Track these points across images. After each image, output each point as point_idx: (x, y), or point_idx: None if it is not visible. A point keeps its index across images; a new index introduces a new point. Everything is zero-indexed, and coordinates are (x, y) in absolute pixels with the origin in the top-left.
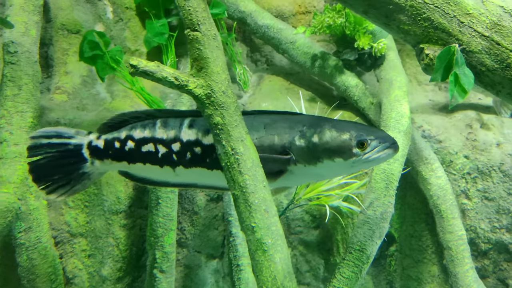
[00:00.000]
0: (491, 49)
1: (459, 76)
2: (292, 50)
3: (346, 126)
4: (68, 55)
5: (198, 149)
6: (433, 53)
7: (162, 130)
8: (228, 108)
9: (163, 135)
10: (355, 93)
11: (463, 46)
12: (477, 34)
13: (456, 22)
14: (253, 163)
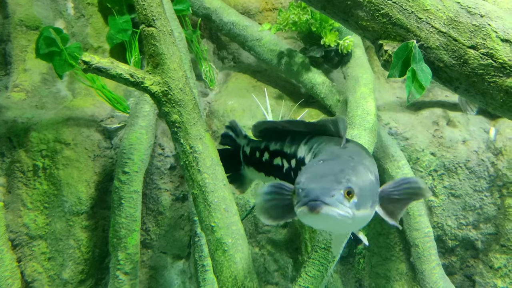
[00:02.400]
0: (448, 45)
1: (417, 72)
2: (258, 48)
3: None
4: (27, 52)
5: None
6: (392, 49)
7: (289, 144)
8: (186, 105)
9: (288, 150)
10: (321, 90)
11: (421, 42)
12: (434, 30)
13: (414, 18)
14: (212, 162)
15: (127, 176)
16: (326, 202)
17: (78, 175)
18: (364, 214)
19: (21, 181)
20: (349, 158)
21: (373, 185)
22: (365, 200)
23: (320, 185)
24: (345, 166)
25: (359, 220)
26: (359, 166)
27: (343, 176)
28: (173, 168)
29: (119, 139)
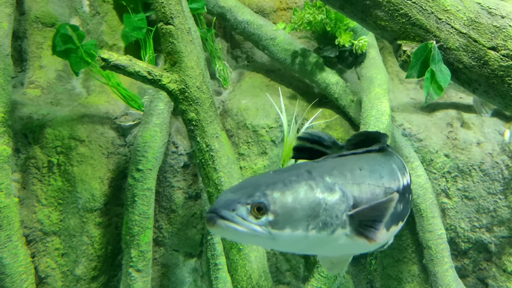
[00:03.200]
0: (468, 46)
1: (436, 73)
2: (272, 47)
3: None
4: (42, 49)
5: None
6: (411, 50)
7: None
8: (202, 104)
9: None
10: (335, 90)
11: (440, 43)
12: (454, 31)
13: (433, 18)
14: (228, 160)
15: (140, 173)
16: (222, 215)
17: (92, 172)
18: (295, 235)
19: (36, 177)
20: (305, 172)
21: (319, 205)
22: (292, 220)
23: (229, 196)
24: (280, 179)
25: (296, 241)
26: (300, 181)
27: (260, 189)
28: (187, 166)
29: (133, 136)
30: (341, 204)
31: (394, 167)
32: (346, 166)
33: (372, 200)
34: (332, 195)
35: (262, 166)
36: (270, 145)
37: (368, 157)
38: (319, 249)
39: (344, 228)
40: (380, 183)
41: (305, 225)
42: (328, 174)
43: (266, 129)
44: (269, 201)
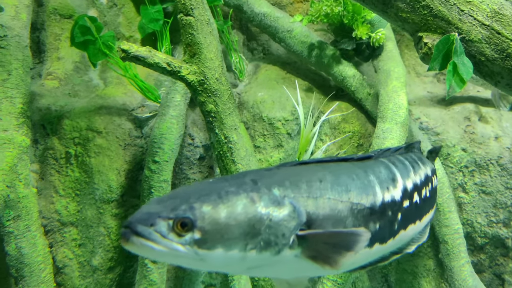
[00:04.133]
0: (491, 39)
1: (458, 66)
2: (289, 39)
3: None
4: (60, 41)
5: None
6: (432, 42)
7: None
8: (221, 95)
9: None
10: (352, 83)
11: (462, 35)
12: (477, 22)
13: (456, 10)
14: (247, 152)
15: (157, 165)
16: (137, 231)
17: (109, 163)
18: (229, 256)
19: (53, 168)
20: (249, 181)
21: (261, 222)
22: (226, 239)
23: (151, 208)
24: (215, 189)
25: (232, 263)
26: (239, 193)
27: (189, 202)
28: (202, 159)
29: (150, 128)
30: (290, 221)
31: (372, 179)
32: (303, 176)
33: (332, 217)
34: (278, 210)
35: (278, 158)
36: (286, 137)
37: (337, 166)
38: (265, 271)
39: (293, 249)
40: (345, 197)
41: (242, 245)
42: (277, 185)
43: (282, 121)
44: (196, 216)
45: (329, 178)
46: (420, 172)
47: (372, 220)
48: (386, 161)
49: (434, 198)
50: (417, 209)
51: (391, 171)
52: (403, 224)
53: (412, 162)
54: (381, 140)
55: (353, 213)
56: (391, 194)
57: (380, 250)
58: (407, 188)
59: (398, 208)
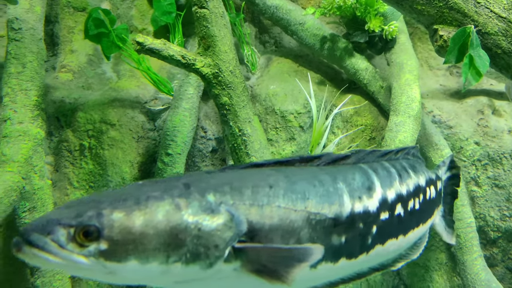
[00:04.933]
0: (508, 31)
1: (474, 59)
2: (301, 32)
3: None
4: (74, 33)
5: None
6: (447, 35)
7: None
8: (235, 88)
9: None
10: (364, 76)
11: (478, 28)
12: (493, 15)
13: (472, 2)
14: (261, 145)
15: (170, 158)
16: (31, 240)
17: (123, 155)
18: (147, 269)
19: (68, 160)
20: (180, 185)
21: (186, 231)
22: (140, 250)
23: (53, 215)
24: (136, 194)
25: (152, 277)
26: (163, 199)
27: (98, 207)
28: (215, 151)
29: (163, 121)
30: (225, 231)
31: (340, 186)
32: (249, 181)
33: (282, 228)
34: (211, 219)
35: (290, 151)
36: (298, 130)
37: (298, 170)
38: (199, 286)
39: (229, 262)
40: (301, 206)
41: (163, 257)
42: (213, 190)
43: (294, 114)
44: (103, 224)
45: (282, 184)
46: (408, 182)
47: (336, 233)
48: (366, 167)
49: (428, 212)
50: (400, 223)
51: (368, 178)
52: (380, 239)
53: (400, 170)
54: (394, 133)
55: (311, 224)
56: (364, 204)
57: (349, 266)
58: (387, 198)
59: (372, 220)
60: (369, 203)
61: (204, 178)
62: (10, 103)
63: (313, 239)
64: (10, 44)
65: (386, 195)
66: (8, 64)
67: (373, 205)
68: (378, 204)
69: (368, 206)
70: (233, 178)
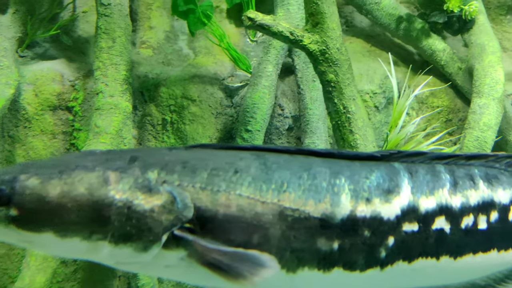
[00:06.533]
0: None
1: None
2: (376, 11)
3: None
4: (151, 10)
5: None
6: None
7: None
8: (341, 65)
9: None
10: (442, 57)
11: None
12: None
13: None
14: (364, 123)
15: (249, 134)
16: None
17: (203, 131)
18: (67, 243)
19: (151, 134)
20: (127, 157)
21: (111, 208)
22: (56, 222)
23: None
24: (66, 163)
25: (79, 251)
26: (92, 170)
27: (18, 173)
28: (291, 129)
29: (240, 98)
30: (162, 214)
31: (339, 183)
32: (211, 163)
33: (243, 220)
34: (145, 198)
35: None
36: (373, 111)
37: (286, 158)
38: (149, 270)
39: (170, 250)
40: (272, 198)
41: (85, 233)
42: (160, 167)
43: (370, 94)
44: (14, 189)
45: (253, 171)
46: (468, 193)
47: (325, 236)
48: (399, 166)
49: (502, 237)
50: (444, 242)
51: (392, 179)
52: (403, 254)
53: (460, 177)
54: (477, 116)
55: (285, 221)
56: (374, 208)
57: (354, 280)
58: (418, 207)
59: (388, 230)
60: (384, 208)
61: (159, 153)
62: (101, 76)
63: (288, 238)
64: (100, 19)
65: (417, 203)
66: (99, 38)
67: (389, 211)
68: (399, 212)
69: (381, 212)
70: (193, 157)
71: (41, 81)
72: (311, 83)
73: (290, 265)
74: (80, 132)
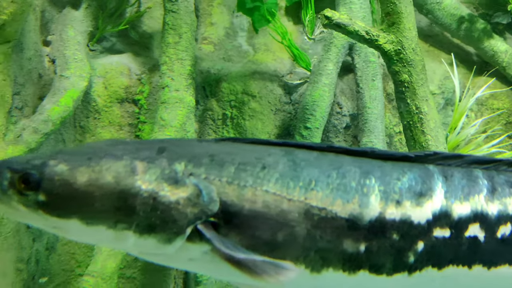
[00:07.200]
0: None
1: None
2: (437, 11)
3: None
4: (213, 6)
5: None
6: None
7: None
8: (416, 66)
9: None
10: (504, 59)
11: None
12: None
13: None
14: (436, 124)
15: (308, 131)
16: None
17: (262, 126)
18: (92, 231)
19: (211, 128)
20: (156, 148)
21: (137, 197)
22: (84, 210)
23: (11, 159)
24: (101, 151)
25: (104, 240)
26: (120, 159)
27: (50, 158)
28: (348, 127)
29: (299, 95)
30: (187, 207)
31: (369, 184)
32: (239, 157)
33: (268, 217)
34: (171, 190)
35: None
36: None
37: (317, 156)
38: (172, 262)
39: (194, 243)
40: (299, 196)
41: (111, 221)
42: (187, 159)
43: None
44: (43, 174)
45: (281, 167)
46: (506, 201)
47: (351, 237)
48: (434, 168)
49: None
50: (478, 250)
51: (425, 182)
52: (433, 260)
53: (499, 183)
54: None
55: (311, 220)
56: (404, 211)
57: (381, 283)
58: (451, 212)
59: (417, 234)
60: (414, 211)
61: (188, 145)
62: (168, 71)
63: (313, 237)
64: (167, 15)
65: (450, 208)
66: (166, 34)
67: (420, 215)
68: (430, 216)
69: (411, 215)
70: (222, 150)
71: (111, 74)
72: (371, 82)
73: (314, 264)
74: (144, 124)
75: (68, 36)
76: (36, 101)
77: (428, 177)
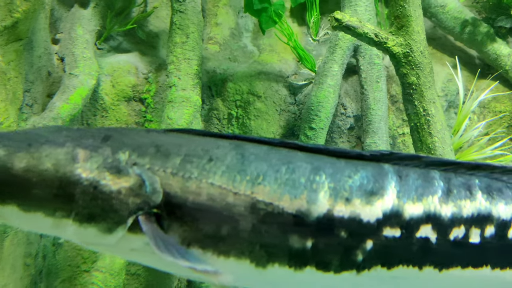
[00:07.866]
0: None
1: None
2: (441, 14)
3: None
4: (218, 7)
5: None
6: None
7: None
8: (424, 68)
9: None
10: (507, 62)
11: None
12: None
13: None
14: (442, 126)
15: (313, 132)
16: None
17: (267, 127)
18: (32, 217)
19: (216, 128)
20: (101, 135)
21: (76, 185)
22: (21, 196)
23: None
24: (43, 136)
25: (43, 227)
26: (62, 146)
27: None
28: (352, 128)
29: (304, 95)
30: (129, 197)
31: (319, 180)
32: (186, 148)
33: (212, 210)
34: (113, 179)
35: None
36: None
37: (266, 150)
38: (116, 253)
39: (135, 234)
40: (245, 189)
41: (49, 208)
42: (132, 149)
43: None
44: None
45: (229, 160)
46: (462, 203)
47: (298, 234)
48: (389, 167)
49: (498, 254)
50: (429, 251)
51: (378, 180)
52: (382, 260)
53: (456, 186)
54: None
55: (257, 215)
56: (353, 209)
57: (329, 281)
58: (403, 212)
59: (366, 233)
60: (364, 210)
61: (135, 134)
62: (175, 70)
63: (259, 232)
64: (175, 15)
65: (402, 208)
66: (173, 34)
67: (370, 213)
68: (380, 215)
69: (360, 214)
70: (169, 141)
71: (118, 73)
72: (375, 84)
73: (259, 259)
74: (151, 123)
75: (77, 35)
76: (45, 98)
77: (381, 176)
